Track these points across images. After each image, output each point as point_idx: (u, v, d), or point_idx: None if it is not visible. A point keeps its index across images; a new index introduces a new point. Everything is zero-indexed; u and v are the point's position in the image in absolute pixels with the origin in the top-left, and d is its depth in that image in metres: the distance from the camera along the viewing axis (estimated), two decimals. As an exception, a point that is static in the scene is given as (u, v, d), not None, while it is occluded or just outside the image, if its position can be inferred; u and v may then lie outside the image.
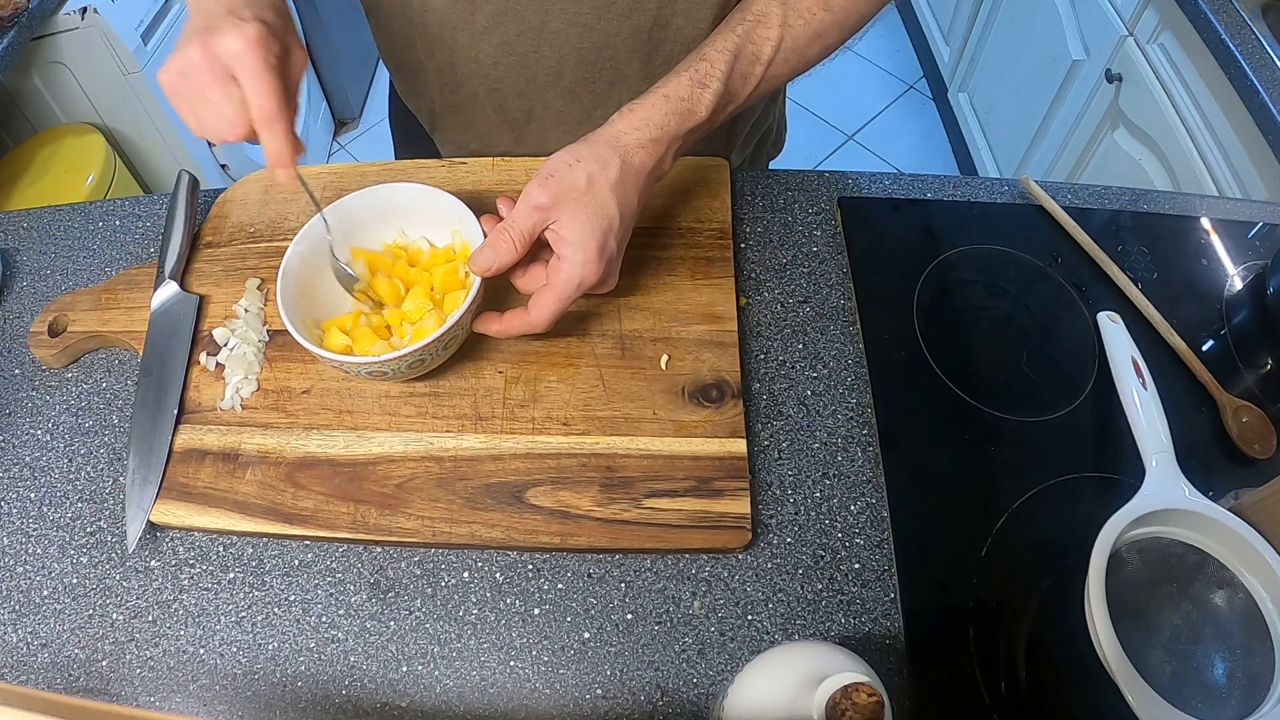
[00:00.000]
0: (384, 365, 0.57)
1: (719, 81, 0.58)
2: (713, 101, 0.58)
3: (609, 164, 0.56)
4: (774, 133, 0.94)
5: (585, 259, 0.55)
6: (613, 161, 0.56)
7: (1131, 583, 0.54)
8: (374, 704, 0.54)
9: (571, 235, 0.55)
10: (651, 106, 0.57)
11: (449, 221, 0.65)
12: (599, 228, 0.55)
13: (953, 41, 2.23)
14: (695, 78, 0.58)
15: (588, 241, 0.55)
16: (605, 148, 0.56)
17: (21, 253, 0.77)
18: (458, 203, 0.63)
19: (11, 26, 1.33)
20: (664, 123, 0.57)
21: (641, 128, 0.57)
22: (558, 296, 0.56)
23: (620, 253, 0.58)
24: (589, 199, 0.55)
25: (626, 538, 0.57)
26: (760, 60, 0.60)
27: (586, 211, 0.55)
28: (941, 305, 0.71)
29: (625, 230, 0.57)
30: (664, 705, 0.53)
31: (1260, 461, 0.62)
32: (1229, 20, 1.17)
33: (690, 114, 0.58)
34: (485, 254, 0.57)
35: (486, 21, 0.68)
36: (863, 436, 0.64)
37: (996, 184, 0.80)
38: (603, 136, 0.57)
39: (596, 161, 0.55)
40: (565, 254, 0.55)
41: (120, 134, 1.69)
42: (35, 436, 0.66)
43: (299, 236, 0.62)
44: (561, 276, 0.56)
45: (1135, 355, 0.63)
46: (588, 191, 0.55)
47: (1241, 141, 1.19)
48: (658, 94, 0.58)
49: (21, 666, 0.56)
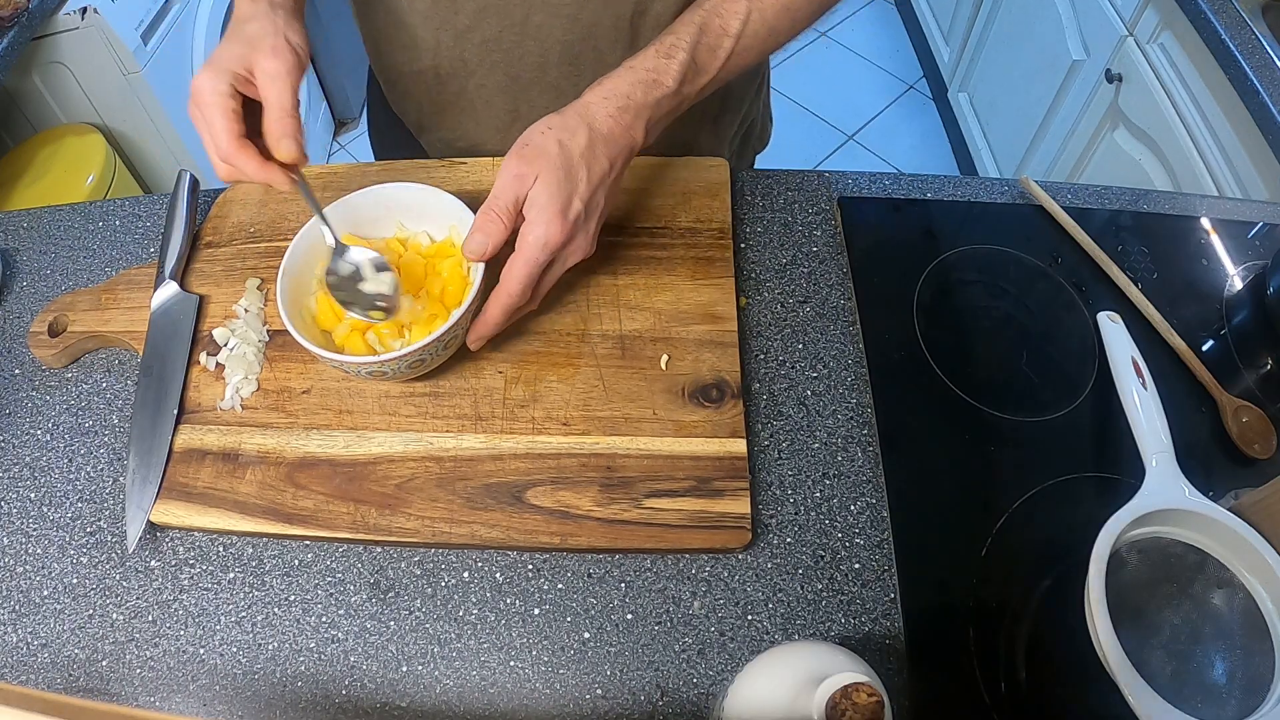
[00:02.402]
0: (384, 365, 0.57)
1: (684, 52, 0.59)
2: (679, 72, 0.59)
3: (577, 131, 0.57)
4: (759, 126, 0.95)
5: (548, 218, 0.56)
6: (580, 129, 0.57)
7: (1131, 583, 0.54)
8: (374, 704, 0.54)
9: (537, 197, 0.56)
10: (618, 78, 0.59)
11: (448, 219, 0.65)
12: (564, 190, 0.56)
13: (953, 41, 2.23)
14: (661, 50, 0.60)
15: (551, 202, 0.56)
16: (574, 117, 0.58)
17: (21, 253, 0.77)
18: (457, 202, 0.64)
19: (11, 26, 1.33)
20: (630, 92, 0.59)
21: (609, 97, 0.59)
22: (525, 259, 0.57)
23: (592, 218, 0.59)
24: (557, 163, 0.56)
25: (626, 538, 0.57)
26: (728, 34, 0.61)
27: (554, 174, 0.56)
28: (941, 305, 0.71)
29: (594, 194, 0.58)
30: (664, 705, 0.53)
31: (1260, 461, 0.62)
32: (1229, 20, 1.17)
33: (656, 84, 0.59)
34: (475, 237, 0.58)
35: (469, 20, 0.69)
36: (863, 436, 0.64)
37: (996, 184, 0.80)
38: (573, 108, 0.59)
39: (566, 130, 0.57)
40: (530, 215, 0.57)
41: (120, 134, 1.69)
42: (35, 436, 0.66)
43: (299, 235, 0.62)
44: (527, 239, 0.57)
45: (1135, 355, 0.63)
46: (557, 156, 0.57)
47: (1241, 141, 1.19)
48: (625, 67, 0.60)
49: (21, 666, 0.56)
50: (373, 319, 0.59)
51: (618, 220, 0.72)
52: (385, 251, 0.65)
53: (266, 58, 0.55)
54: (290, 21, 0.58)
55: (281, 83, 0.56)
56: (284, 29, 0.57)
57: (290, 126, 0.56)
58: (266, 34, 0.56)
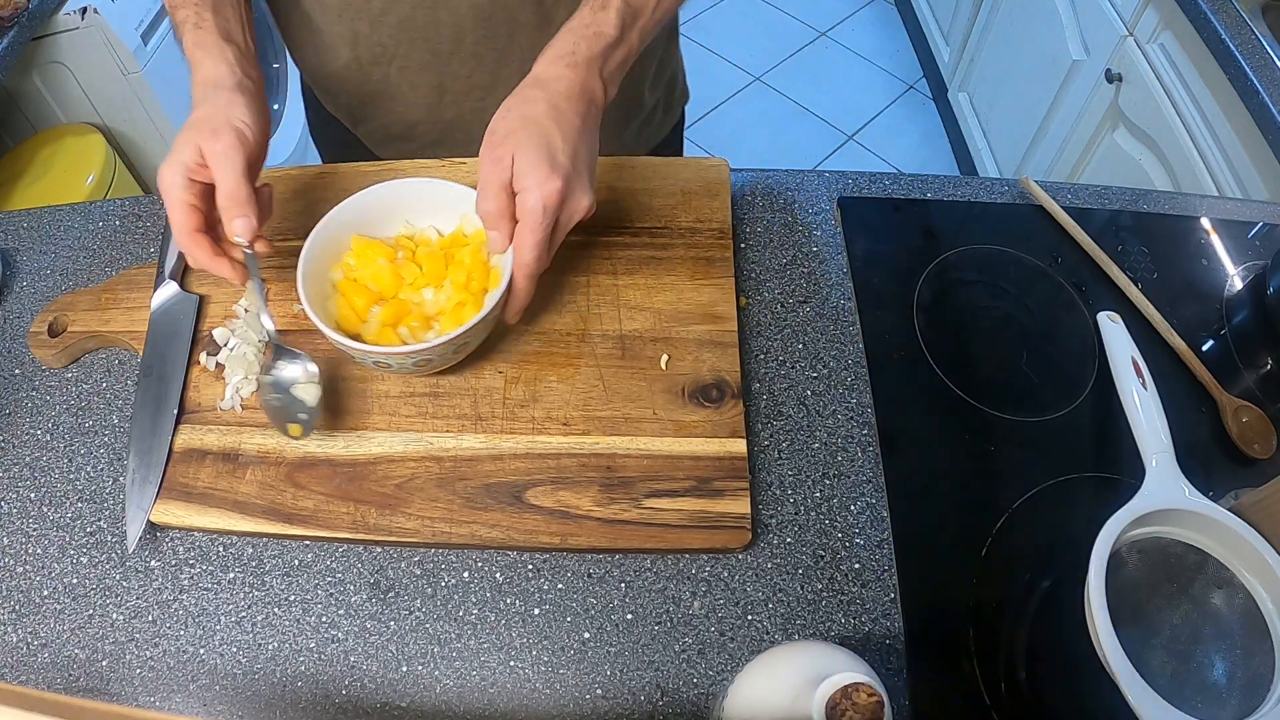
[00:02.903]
0: (389, 357, 0.57)
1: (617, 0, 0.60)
2: (617, 19, 0.60)
3: (535, 100, 0.58)
4: (680, 79, 0.96)
5: (538, 180, 0.56)
6: (537, 97, 0.59)
7: (1131, 583, 0.54)
8: (374, 704, 0.54)
9: (521, 166, 0.57)
10: (559, 41, 0.61)
11: (456, 210, 0.65)
12: (542, 151, 0.57)
13: (953, 41, 2.23)
14: (594, 4, 0.61)
15: (536, 165, 0.56)
16: (528, 90, 0.59)
17: (21, 253, 0.77)
18: (466, 190, 0.64)
19: (11, 26, 1.33)
20: (573, 49, 0.60)
21: (555, 60, 0.60)
22: (530, 227, 0.57)
23: (581, 171, 0.59)
24: (527, 132, 0.57)
25: (626, 538, 0.57)
26: None
27: (529, 143, 0.57)
28: (941, 305, 0.71)
29: (575, 148, 0.59)
30: (664, 705, 0.53)
31: (1260, 461, 0.62)
32: (1229, 20, 1.17)
33: (599, 35, 0.60)
34: (491, 235, 0.59)
35: (382, 4, 0.70)
36: (863, 436, 0.64)
37: (996, 184, 0.80)
38: (524, 83, 0.60)
39: (524, 103, 0.59)
40: (521, 185, 0.57)
41: (120, 134, 1.69)
42: (35, 436, 0.66)
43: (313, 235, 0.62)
44: (526, 207, 0.57)
45: (1135, 355, 0.63)
46: (525, 127, 0.57)
47: (1241, 141, 1.19)
48: (564, 29, 0.61)
49: (21, 666, 0.56)
50: (290, 433, 0.59)
51: (618, 220, 0.72)
52: (397, 246, 0.65)
53: (208, 140, 0.57)
54: (235, 100, 0.59)
55: (226, 163, 0.56)
56: (227, 110, 0.58)
57: (237, 208, 0.57)
58: (209, 118, 0.58)
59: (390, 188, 0.65)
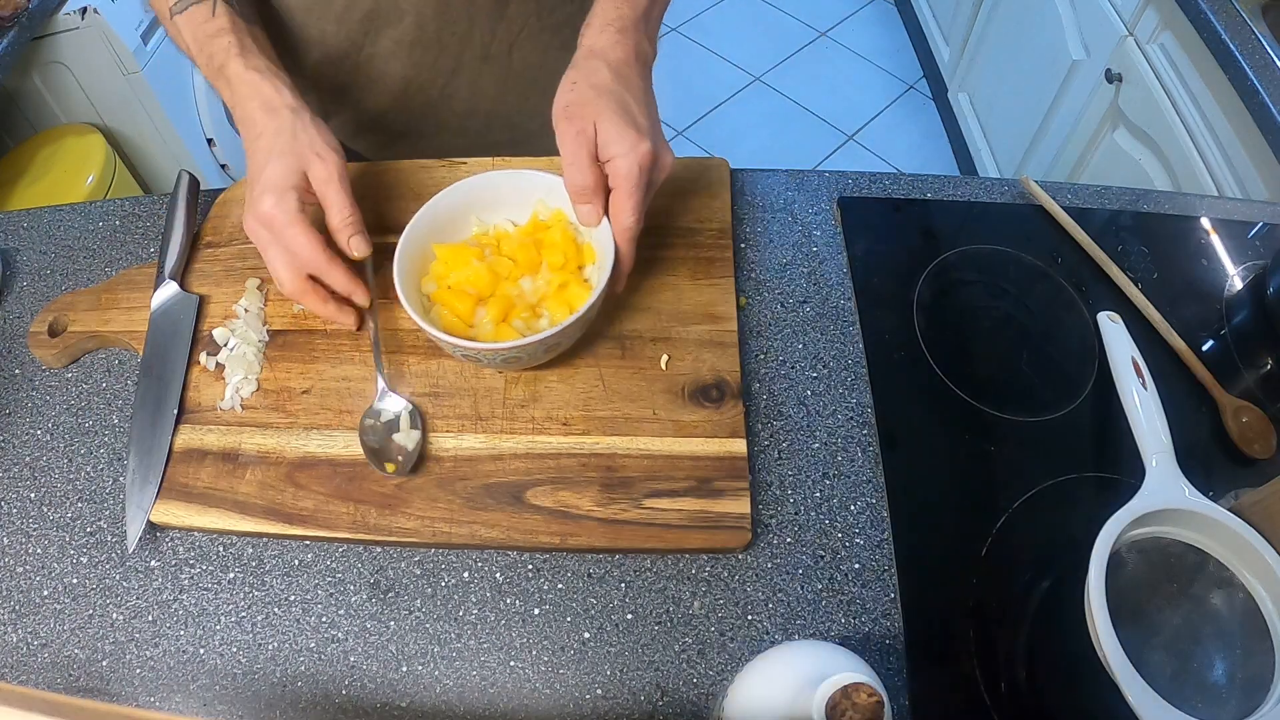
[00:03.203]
0: (480, 354, 0.58)
1: None
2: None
3: (598, 70, 0.59)
4: None
5: (631, 144, 0.57)
6: (599, 67, 0.59)
7: (1131, 583, 0.54)
8: (374, 704, 0.54)
9: (606, 134, 0.57)
10: (601, 9, 0.62)
11: (529, 198, 0.66)
12: (622, 114, 0.57)
13: (953, 41, 2.23)
14: None
15: (624, 130, 0.57)
16: (586, 61, 0.60)
17: (21, 253, 0.77)
18: (540, 175, 0.65)
19: (11, 26, 1.33)
20: (618, 15, 0.61)
21: (604, 29, 0.61)
22: (629, 190, 0.57)
23: (657, 129, 0.61)
24: (602, 101, 0.58)
25: (626, 538, 0.57)
26: None
27: (608, 109, 0.57)
28: (941, 305, 0.71)
29: (647, 108, 0.60)
30: (664, 705, 0.53)
31: (1260, 461, 0.62)
32: (1229, 20, 1.17)
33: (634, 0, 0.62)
34: (582, 210, 0.60)
35: (345, 1, 0.72)
36: (863, 436, 0.64)
37: (996, 184, 0.80)
38: (579, 55, 0.61)
39: (588, 73, 0.59)
40: (613, 151, 0.57)
41: (120, 134, 1.69)
42: (35, 436, 0.66)
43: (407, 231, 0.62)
44: (621, 171, 0.57)
45: (1135, 355, 0.63)
46: (598, 95, 0.58)
47: (1241, 141, 1.19)
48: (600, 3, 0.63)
49: (21, 666, 0.56)
50: (385, 470, 0.60)
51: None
52: (478, 245, 0.65)
53: (316, 165, 0.59)
54: (315, 122, 0.61)
55: (336, 185, 0.59)
56: (313, 133, 0.60)
57: (355, 226, 0.60)
58: (304, 144, 0.59)
59: (459, 190, 0.65)
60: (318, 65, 0.78)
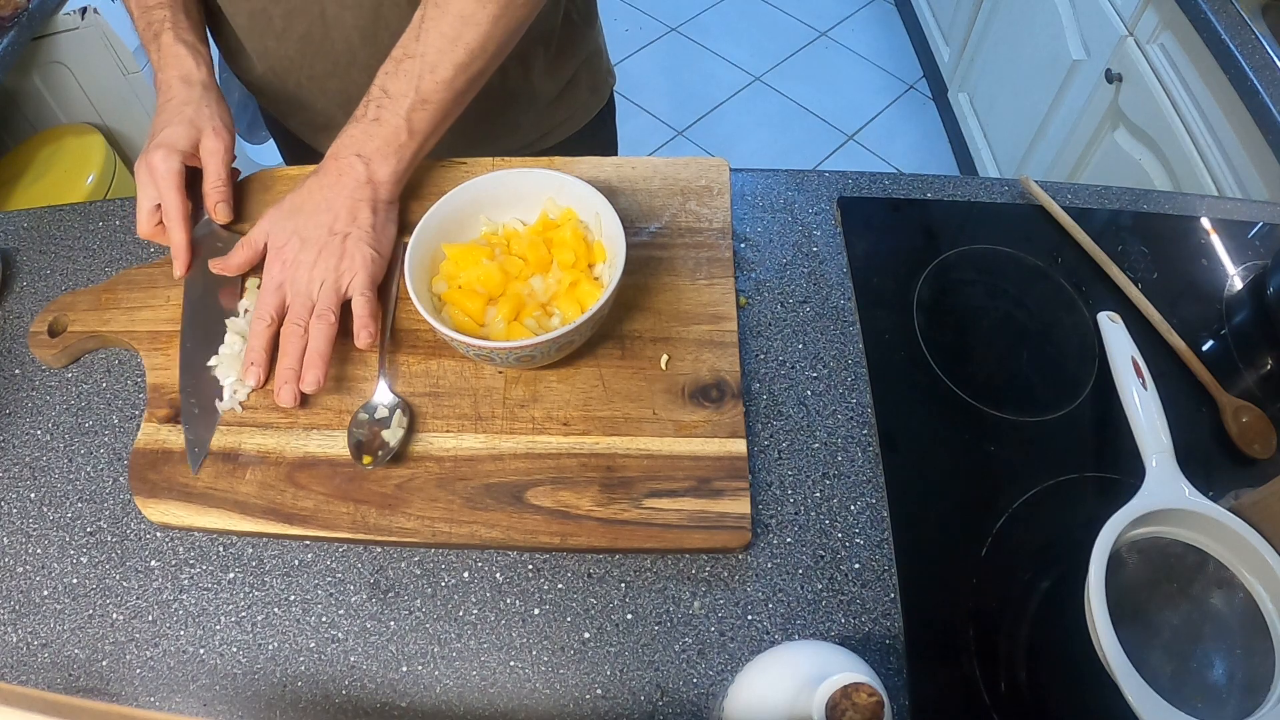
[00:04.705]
0: (493, 353, 0.58)
1: (376, 88, 0.66)
2: (377, 100, 0.65)
3: (292, 197, 0.67)
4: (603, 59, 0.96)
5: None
6: (294, 194, 0.67)
7: (1131, 583, 0.54)
8: (374, 704, 0.54)
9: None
10: None
11: (537, 197, 0.66)
12: (281, 227, 0.66)
13: (953, 41, 2.23)
14: (363, 100, 0.67)
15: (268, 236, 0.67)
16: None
17: (21, 253, 0.77)
18: (541, 175, 0.65)
19: (11, 26, 1.33)
20: (345, 134, 0.66)
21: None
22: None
23: (311, 240, 0.65)
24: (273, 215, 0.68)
25: (626, 538, 0.57)
26: (409, 55, 0.66)
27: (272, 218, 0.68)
28: (941, 305, 0.71)
29: (306, 223, 0.66)
30: (664, 705, 0.53)
31: (1260, 461, 0.62)
32: (1229, 20, 1.17)
33: (357, 120, 0.66)
34: None
35: (282, 23, 0.75)
36: (863, 436, 0.64)
37: (996, 184, 0.80)
38: None
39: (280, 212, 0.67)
40: None
41: (120, 134, 1.69)
42: (35, 436, 0.66)
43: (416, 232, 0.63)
44: None
45: (1135, 355, 0.63)
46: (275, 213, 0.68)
47: (1241, 141, 1.19)
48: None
49: (21, 666, 0.56)
50: (363, 463, 0.60)
51: (618, 220, 0.72)
52: (488, 244, 0.65)
53: (210, 137, 0.68)
54: (220, 102, 0.71)
55: (219, 158, 0.69)
56: (215, 108, 0.70)
57: (223, 194, 0.70)
58: (206, 117, 0.69)
59: (467, 189, 0.66)
60: (264, 77, 0.82)
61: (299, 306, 0.63)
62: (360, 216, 0.64)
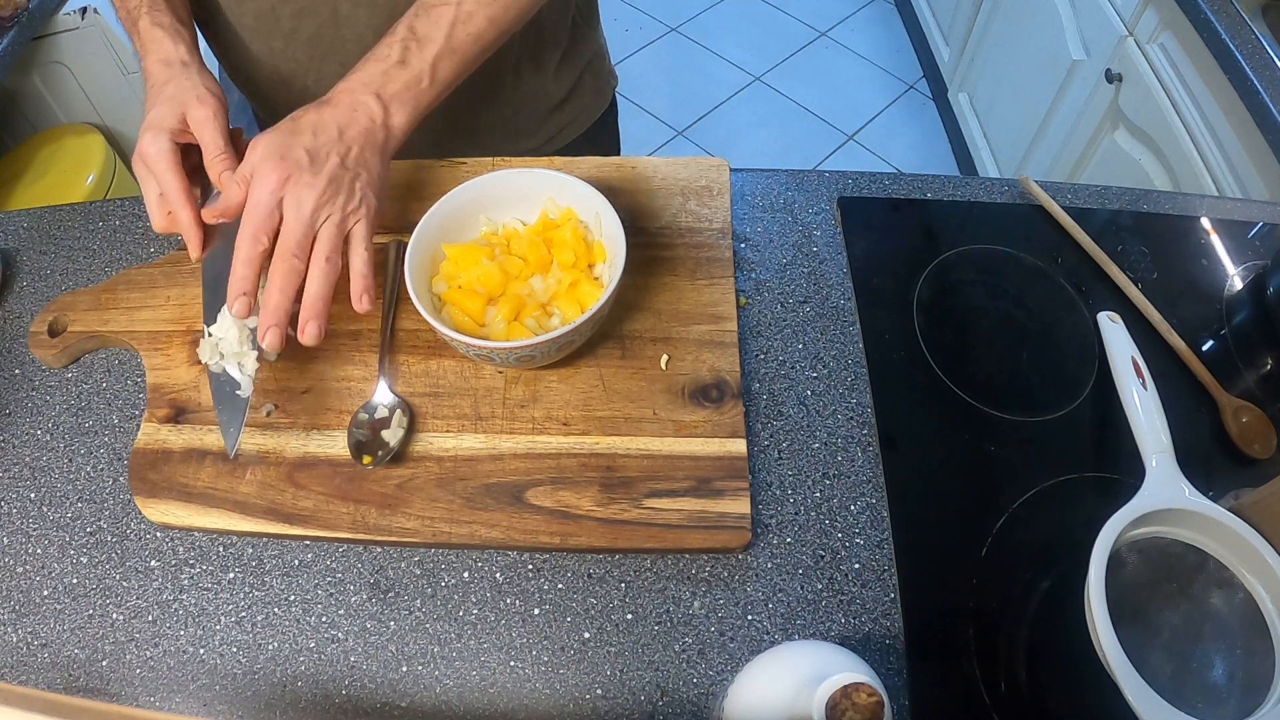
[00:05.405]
0: (493, 353, 0.58)
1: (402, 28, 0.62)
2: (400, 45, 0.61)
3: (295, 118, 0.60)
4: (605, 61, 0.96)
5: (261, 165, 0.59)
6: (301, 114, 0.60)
7: (1131, 583, 0.54)
8: (374, 704, 0.54)
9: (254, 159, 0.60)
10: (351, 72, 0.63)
11: (537, 197, 0.66)
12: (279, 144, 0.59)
13: (953, 41, 2.23)
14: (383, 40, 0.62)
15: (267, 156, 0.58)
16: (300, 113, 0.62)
17: (21, 253, 0.77)
18: (540, 175, 0.65)
19: (11, 26, 1.33)
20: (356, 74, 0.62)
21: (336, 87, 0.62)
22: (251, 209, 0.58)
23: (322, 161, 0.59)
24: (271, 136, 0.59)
25: (626, 538, 0.57)
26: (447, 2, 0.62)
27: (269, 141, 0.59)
28: (941, 305, 0.71)
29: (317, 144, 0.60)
30: (664, 705, 0.53)
31: (1260, 461, 0.62)
32: (1229, 20, 1.17)
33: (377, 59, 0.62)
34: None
35: (291, 23, 0.73)
36: (863, 436, 0.64)
37: (996, 184, 0.80)
38: None
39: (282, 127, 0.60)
40: None
41: (120, 134, 1.69)
42: (35, 436, 0.66)
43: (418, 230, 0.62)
44: None
45: (1135, 355, 0.63)
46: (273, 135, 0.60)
47: (1241, 141, 1.19)
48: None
49: (21, 666, 0.56)
50: (363, 462, 0.60)
51: (618, 220, 0.72)
52: (488, 244, 0.65)
53: (194, 107, 0.61)
54: (202, 73, 0.64)
55: (211, 125, 0.61)
56: (200, 80, 0.63)
57: (226, 162, 0.61)
58: (187, 89, 0.62)
59: (467, 189, 0.66)
60: (270, 79, 0.80)
61: (298, 233, 0.55)
62: (370, 161, 0.59)
